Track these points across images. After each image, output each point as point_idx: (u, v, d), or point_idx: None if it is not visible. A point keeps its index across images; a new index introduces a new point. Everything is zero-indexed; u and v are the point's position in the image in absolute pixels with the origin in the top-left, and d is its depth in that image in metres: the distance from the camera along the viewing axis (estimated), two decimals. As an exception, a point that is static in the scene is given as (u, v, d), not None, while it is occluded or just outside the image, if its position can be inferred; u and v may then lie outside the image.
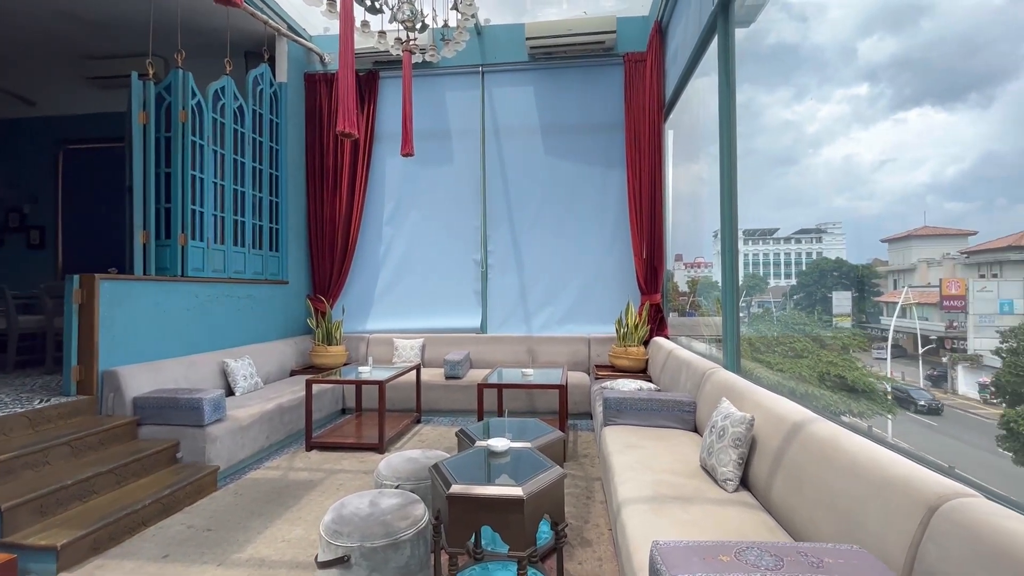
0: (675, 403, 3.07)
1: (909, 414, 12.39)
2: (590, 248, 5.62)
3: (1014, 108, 6.81)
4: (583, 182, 5.64)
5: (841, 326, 15.13)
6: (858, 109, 12.36)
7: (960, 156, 9.78)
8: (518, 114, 5.73)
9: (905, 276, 13.26)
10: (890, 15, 10.54)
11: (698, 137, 5.25)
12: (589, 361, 5.33)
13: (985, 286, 9.75)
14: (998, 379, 9.37)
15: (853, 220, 14.56)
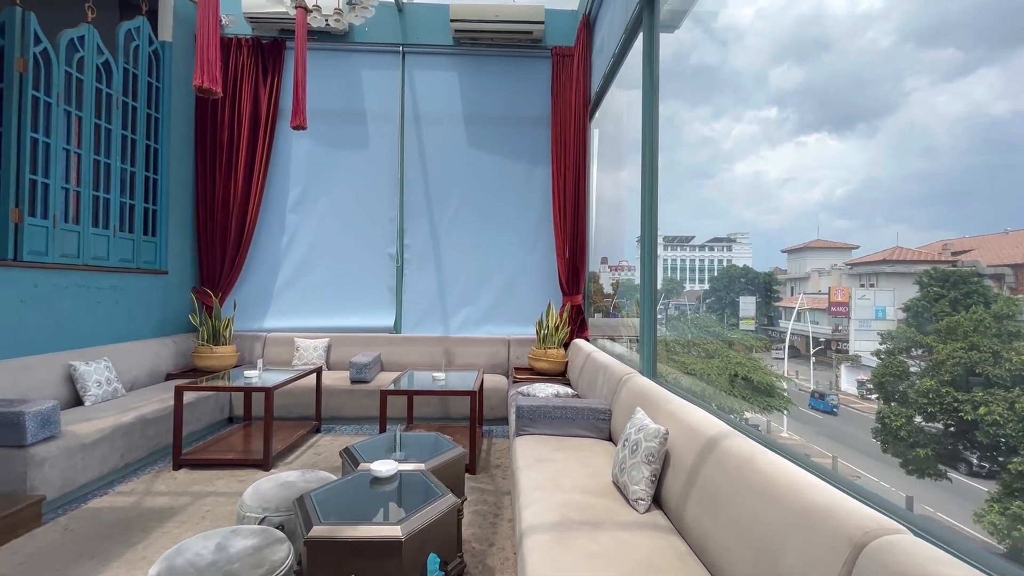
0: (590, 411, 2.90)
1: (801, 408, 13.08)
2: (513, 246, 5.41)
3: (893, 139, 7.09)
4: (507, 177, 5.42)
5: (746, 328, 15.99)
6: (767, 131, 12.57)
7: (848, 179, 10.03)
8: (441, 101, 5.39)
9: (801, 284, 14.10)
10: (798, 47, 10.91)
11: (623, 146, 5.25)
12: (508, 363, 5.11)
13: (864, 295, 10.53)
14: (876, 377, 10.08)
15: (759, 231, 14.90)
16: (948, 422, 9.85)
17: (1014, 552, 7.19)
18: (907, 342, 11.66)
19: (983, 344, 9.34)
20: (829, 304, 19.45)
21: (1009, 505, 7.63)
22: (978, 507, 7.86)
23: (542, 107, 5.38)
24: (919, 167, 17.34)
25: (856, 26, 30.53)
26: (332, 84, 5.29)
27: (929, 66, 19.13)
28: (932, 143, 16.87)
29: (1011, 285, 11.08)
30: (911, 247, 15.99)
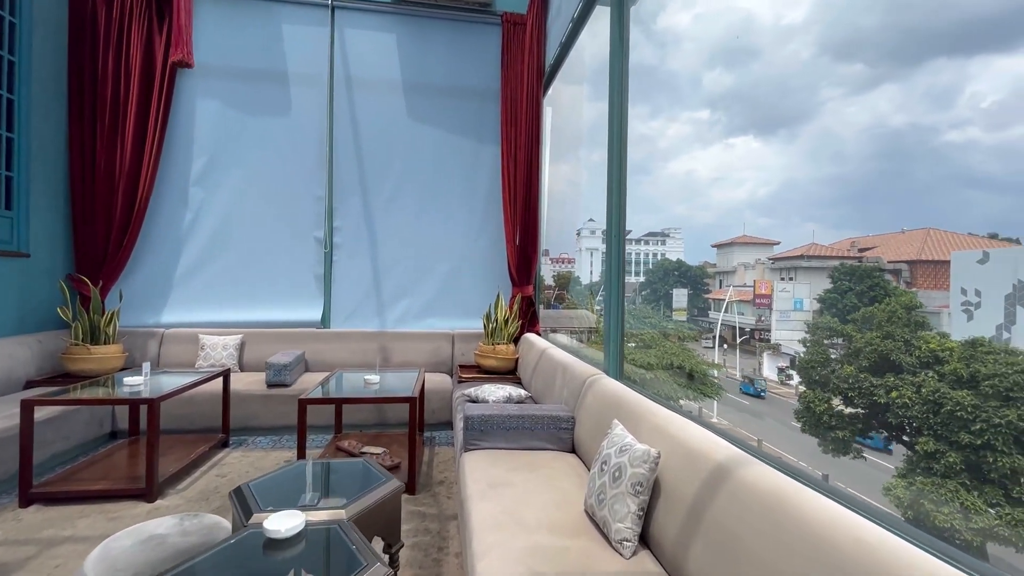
0: (551, 419, 2.50)
1: (730, 395, 13.66)
2: (457, 231, 4.91)
3: (809, 144, 8.70)
4: (452, 154, 4.90)
5: (679, 319, 16.72)
6: (699, 131, 13.65)
7: (769, 180, 11.90)
8: (377, 66, 4.77)
9: (728, 277, 15.43)
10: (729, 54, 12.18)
11: (569, 140, 4.94)
12: (453, 361, 4.63)
13: (784, 287, 11.38)
14: (802, 364, 10.40)
15: (691, 227, 16.19)
16: (864, 405, 10.33)
17: (916, 521, 7.58)
18: (829, 332, 12.18)
19: (896, 333, 9.85)
20: (754, 296, 20.31)
21: (913, 480, 8.04)
22: (886, 482, 8.26)
23: (491, 79, 4.90)
24: (830, 171, 18.53)
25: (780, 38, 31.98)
26: (246, 37, 4.52)
27: (841, 79, 20.60)
28: (841, 149, 18.07)
29: (907, 279, 11.86)
30: (824, 244, 16.76)
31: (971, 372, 10.57)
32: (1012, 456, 9.80)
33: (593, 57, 4.52)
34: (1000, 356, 10.75)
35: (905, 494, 10.21)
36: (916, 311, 13.33)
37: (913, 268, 24.15)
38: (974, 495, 9.81)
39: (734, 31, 49.59)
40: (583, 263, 50.79)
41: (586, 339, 17.32)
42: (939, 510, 9.77)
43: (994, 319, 15.35)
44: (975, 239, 23.19)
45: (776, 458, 1.35)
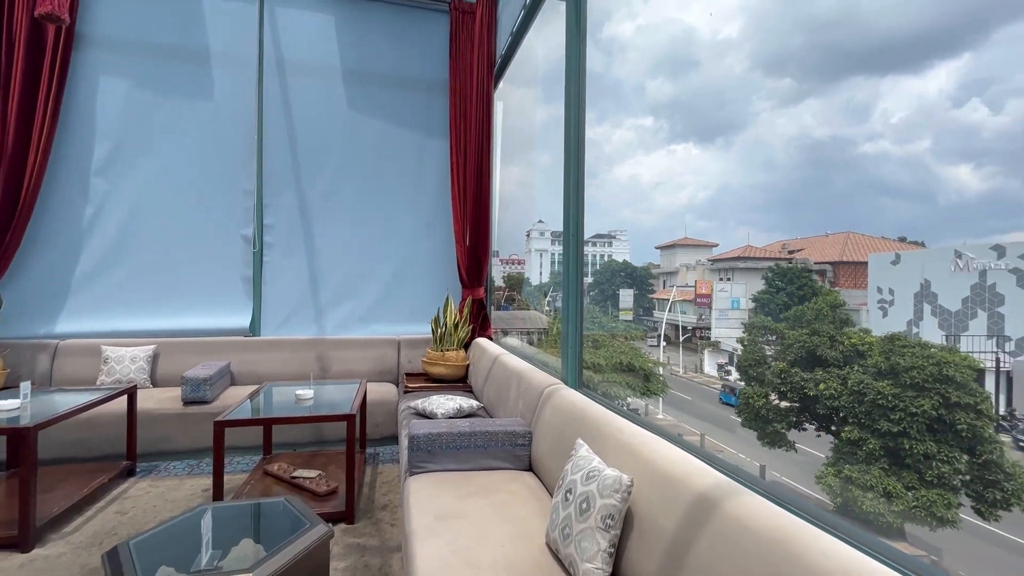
0: (506, 435, 2.29)
1: (673, 392, 14.11)
2: (404, 230, 4.60)
3: (742, 153, 9.36)
4: (397, 148, 4.59)
5: (626, 319, 17.24)
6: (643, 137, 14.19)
7: (707, 185, 12.64)
8: (313, 49, 4.38)
9: (671, 277, 16.35)
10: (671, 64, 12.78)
11: (519, 142, 4.82)
12: (398, 369, 4.32)
13: (723, 287, 12.56)
14: (740, 362, 11.27)
15: (636, 229, 16.72)
16: (796, 399, 10.98)
17: (845, 509, 8.12)
18: (764, 330, 12.84)
19: (823, 330, 10.57)
20: (695, 296, 21.31)
21: (842, 468, 8.56)
22: (817, 471, 8.77)
23: (438, 70, 4.63)
24: (762, 178, 19.83)
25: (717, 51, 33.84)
26: (160, 8, 4.01)
27: (771, 92, 22.03)
28: (771, 158, 19.41)
29: (831, 279, 13.48)
30: (758, 246, 18.54)
31: (891, 364, 11.35)
32: (925, 442, 10.60)
33: (544, 60, 4.41)
34: (916, 350, 11.62)
35: (835, 482, 10.85)
36: (840, 309, 14.24)
37: (836, 269, 25.90)
38: (893, 480, 10.54)
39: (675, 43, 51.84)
40: (533, 264, 51.17)
41: (537, 340, 17.30)
42: (864, 495, 10.43)
43: (905, 315, 16.66)
44: (888, 242, 25.20)
45: (771, 484, 1.20)
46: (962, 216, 39.42)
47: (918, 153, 42.13)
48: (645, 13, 59.49)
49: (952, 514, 9.57)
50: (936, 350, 11.16)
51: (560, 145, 2.73)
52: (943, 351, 11.22)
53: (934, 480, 9.88)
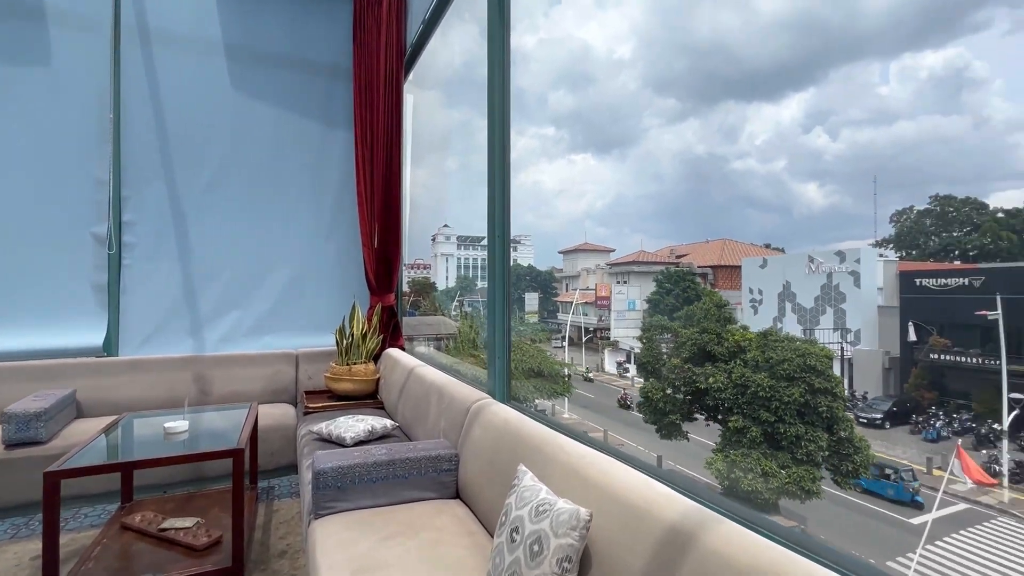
0: (430, 461, 2.03)
1: (581, 391, 14.63)
2: (303, 230, 4.12)
3: (635, 165, 10.14)
4: (295, 138, 4.09)
5: (531, 322, 17.50)
6: (545, 146, 14.75)
7: (604, 194, 13.48)
8: (186, 18, 3.75)
9: (573, 281, 17.05)
10: (571, 78, 13.50)
11: (425, 145, 4.63)
12: (297, 387, 3.83)
13: (620, 290, 13.43)
14: (639, 359, 12.08)
15: (540, 234, 17.31)
16: (688, 392, 11.93)
17: (730, 489, 9.00)
18: (660, 329, 13.75)
19: (710, 328, 11.59)
20: (595, 298, 22.28)
21: (728, 454, 9.41)
22: (707, 457, 9.56)
23: (341, 55, 4.22)
24: (652, 188, 21.58)
25: (612, 69, 36.05)
26: (-30, -54, 3.17)
27: (660, 110, 24.10)
28: (660, 171, 21.21)
29: (711, 281, 15.26)
30: (650, 251, 20.08)
31: (766, 358, 12.67)
32: (796, 426, 11.94)
33: (446, 65, 4.24)
34: (785, 343, 13.07)
35: (722, 466, 11.87)
36: (724, 308, 15.70)
37: (715, 272, 28.53)
38: (771, 462, 11.75)
39: (574, 59, 54.72)
40: (439, 269, 50.47)
41: (446, 346, 16.93)
42: (745, 476, 11.52)
43: (772, 313, 18.81)
44: (756, 248, 28.34)
45: (747, 511, 1.10)
46: (811, 226, 45.96)
47: (777, 171, 48.45)
48: (546, 27, 61.92)
49: (817, 486, 10.91)
50: (800, 343, 12.70)
51: (465, 150, 2.58)
52: (805, 343, 12.80)
53: (803, 458, 11.19)
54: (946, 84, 35.59)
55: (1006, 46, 30.14)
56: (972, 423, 14.06)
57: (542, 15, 61.94)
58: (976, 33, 31.50)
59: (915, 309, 16.63)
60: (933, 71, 36.06)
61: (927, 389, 15.97)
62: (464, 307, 37.51)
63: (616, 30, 57.05)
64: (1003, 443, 12.27)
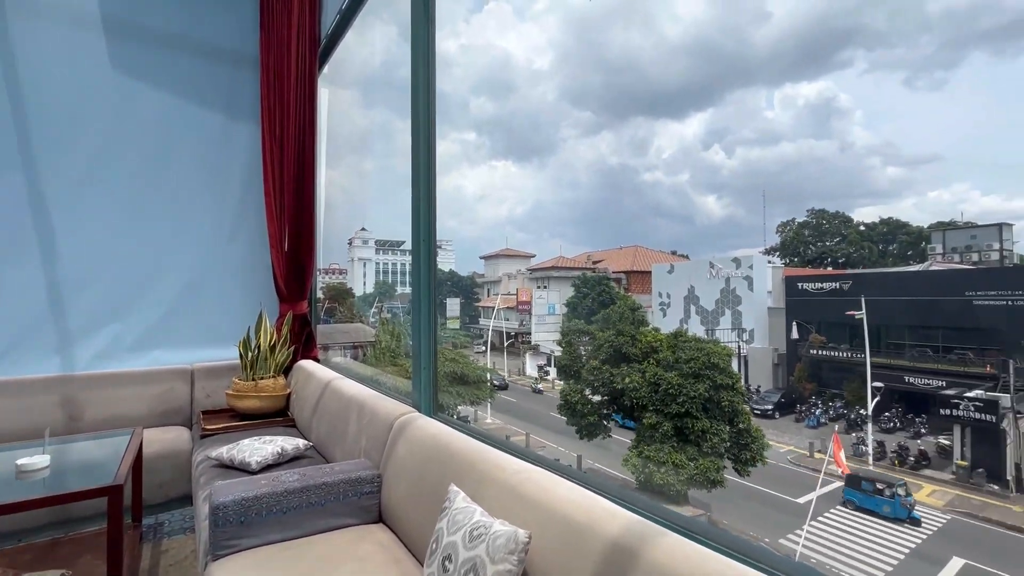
0: (349, 484, 1.87)
1: (502, 396, 14.89)
2: (201, 231, 3.70)
3: (554, 173, 10.52)
4: (191, 129, 3.67)
5: (453, 327, 17.53)
6: (467, 151, 14.87)
7: (525, 200, 13.90)
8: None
9: (495, 286, 17.39)
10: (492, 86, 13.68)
11: (340, 145, 4.41)
12: (192, 407, 3.42)
13: (540, 295, 13.96)
14: (558, 363, 12.61)
15: (461, 239, 17.31)
16: (606, 392, 12.50)
17: (644, 484, 9.60)
18: (579, 332, 14.27)
19: (626, 330, 12.23)
20: (517, 303, 22.59)
21: (643, 449, 9.97)
22: (624, 454, 10.07)
23: (246, 41, 3.86)
24: (569, 196, 22.54)
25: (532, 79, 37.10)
26: None
27: (576, 122, 25.24)
28: (576, 179, 22.20)
29: (625, 286, 16.38)
30: (568, 256, 20.91)
31: (676, 357, 13.52)
32: (702, 420, 12.84)
33: (362, 64, 4.07)
34: (692, 343, 14.02)
35: (637, 462, 12.47)
36: (638, 311, 16.55)
37: (629, 277, 30.06)
38: (681, 455, 12.53)
39: (496, 67, 55.56)
40: (356, 274, 48.39)
41: (363, 355, 16.22)
42: (659, 470, 12.20)
43: (679, 315, 20.21)
44: (664, 255, 30.34)
45: (691, 520, 1.09)
46: (712, 235, 50.31)
47: (681, 184, 52.49)
48: (467, 33, 62.13)
49: (721, 476, 11.81)
50: (705, 343, 13.72)
51: (385, 152, 2.45)
52: (709, 343, 13.85)
53: (709, 450, 12.07)
54: (818, 112, 40.73)
55: (863, 82, 35.09)
56: (844, 410, 16.01)
57: (463, 21, 62.07)
58: (841, 70, 36.36)
59: (798, 310, 18.67)
60: (808, 100, 41.11)
61: (808, 381, 17.96)
62: (384, 313, 36.28)
63: (535, 42, 58.70)
64: (868, 426, 14.08)
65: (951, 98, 33.84)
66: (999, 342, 13.29)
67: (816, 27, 37.94)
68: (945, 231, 22.18)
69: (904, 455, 13.20)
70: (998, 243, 19.30)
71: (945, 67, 32.87)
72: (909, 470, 12.88)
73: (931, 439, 13.63)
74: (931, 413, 13.73)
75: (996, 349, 13.28)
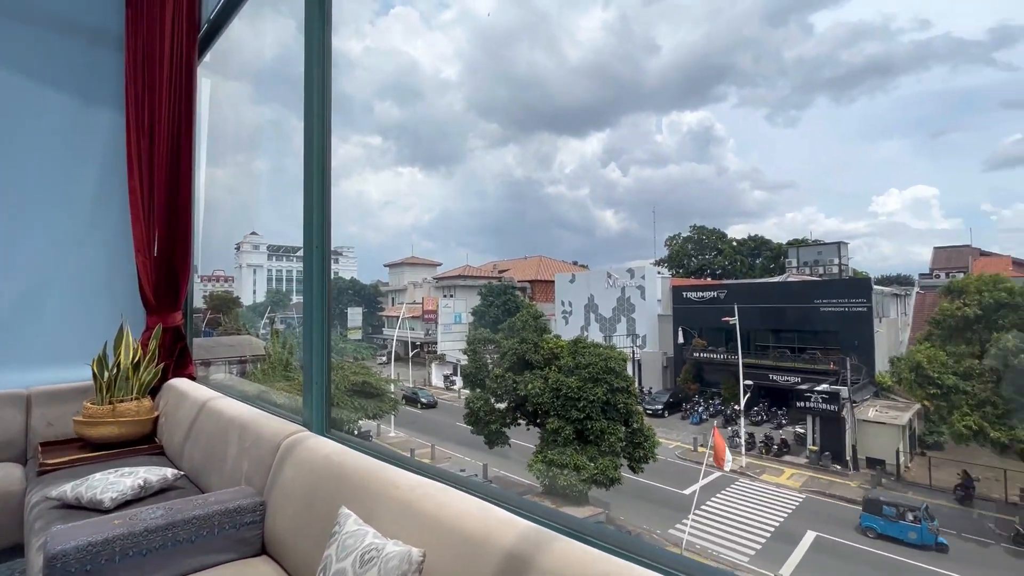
0: (226, 515, 1.68)
1: (411, 409, 14.71)
2: (48, 231, 3.16)
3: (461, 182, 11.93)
4: (32, 113, 3.13)
5: (354, 338, 16.88)
6: (371, 156, 14.37)
7: (432, 208, 13.89)
8: None
9: (400, 295, 17.16)
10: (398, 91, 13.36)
11: (228, 142, 4.10)
12: (29, 439, 2.88)
13: (447, 303, 14.22)
14: (464, 371, 12.78)
15: (364, 246, 16.77)
16: (511, 400, 12.76)
17: (550, 489, 9.97)
18: (485, 340, 14.40)
19: (529, 337, 12.62)
20: (423, 312, 22.33)
21: (547, 454, 10.33)
22: (528, 459, 10.36)
23: (108, 16, 3.40)
24: (476, 205, 22.82)
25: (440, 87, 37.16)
26: None
27: (484, 133, 25.69)
28: (483, 189, 22.65)
29: (529, 295, 17.22)
30: (475, 265, 21.17)
31: (576, 363, 14.11)
32: (600, 421, 13.49)
33: (255, 56, 3.79)
34: (591, 348, 14.72)
35: (542, 467, 12.80)
36: (541, 319, 17.05)
37: (533, 286, 30.93)
38: (582, 456, 13.04)
39: (402, 71, 54.76)
40: (245, 282, 44.31)
41: (252, 371, 14.84)
42: (562, 473, 12.61)
43: (580, 323, 21.19)
44: (567, 265, 31.78)
45: (583, 522, 1.12)
46: (610, 247, 53.70)
47: (581, 198, 55.51)
48: (372, 35, 60.41)
49: (618, 474, 12.49)
50: (603, 348, 14.49)
51: (279, 151, 2.30)
52: (607, 348, 14.67)
53: (607, 450, 12.72)
54: (699, 138, 45.52)
55: (735, 115, 39.91)
56: (722, 406, 17.80)
57: (368, 23, 60.23)
58: (717, 103, 41.03)
59: (683, 317, 20.48)
60: (691, 127, 45.75)
61: (693, 382, 19.74)
62: (276, 324, 33.50)
63: (443, 51, 58.70)
64: (741, 420, 15.78)
65: (802, 134, 39.61)
66: (839, 343, 15.67)
67: (698, 63, 42.43)
68: (798, 248, 25.76)
69: (769, 444, 14.99)
70: (838, 259, 22.82)
71: (798, 107, 38.41)
72: (773, 457, 14.66)
73: (791, 429, 15.63)
74: (790, 406, 15.78)
75: (837, 349, 15.62)
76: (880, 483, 12.61)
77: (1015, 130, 25.94)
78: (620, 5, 45.86)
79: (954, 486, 11.75)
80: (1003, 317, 11.24)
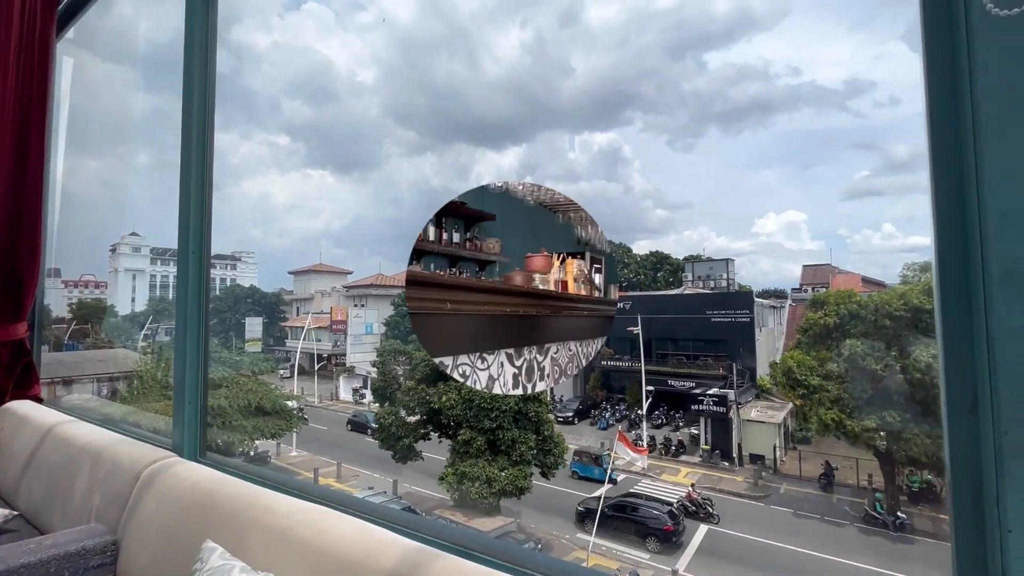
0: (67, 559, 1.43)
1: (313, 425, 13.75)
2: None
3: (376, 188, 10.63)
4: None
5: (253, 351, 15.61)
6: (277, 156, 13.64)
7: (343, 213, 13.46)
8: None
9: (305, 304, 16.20)
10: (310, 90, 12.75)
11: (99, 129, 3.65)
12: None
13: (357, 313, 13.63)
14: (374, 385, 12.35)
15: (266, 251, 15.79)
16: (423, 412, 12.48)
17: (462, 502, 9.91)
18: (396, 352, 14.03)
19: (445, 347, 12.35)
20: (331, 322, 21.31)
21: (458, 466, 10.25)
22: (440, 472, 10.21)
23: (-66, -29, 2.86)
24: (391, 212, 22.43)
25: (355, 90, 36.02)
26: None
27: (401, 140, 25.40)
28: (399, 196, 22.40)
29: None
30: (388, 274, 20.29)
31: (490, 372, 14.15)
32: (512, 430, 13.61)
33: (145, 39, 3.43)
34: (504, 358, 14.85)
35: (453, 479, 12.60)
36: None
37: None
38: (493, 467, 13.05)
39: (314, 70, 52.13)
40: (122, 288, 39.18)
41: (127, 389, 13.08)
42: (473, 485, 12.52)
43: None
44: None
45: (464, 534, 1.09)
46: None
47: (500, 211, 56.13)
48: (281, 30, 56.90)
49: (528, 482, 12.65)
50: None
51: (169, 145, 2.07)
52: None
53: (518, 459, 12.84)
54: (608, 158, 48.32)
55: (640, 138, 43.00)
56: (627, 411, 18.77)
57: (276, 16, 56.68)
58: (623, 126, 43.88)
59: (592, 326, 21.37)
60: (601, 146, 48.43)
61: (601, 388, 20.62)
62: (159, 335, 29.94)
63: (358, 54, 56.83)
64: (643, 424, 16.75)
65: (698, 160, 43.53)
66: (728, 350, 17.24)
67: (607, 87, 45.04)
68: (694, 263, 28.08)
69: (668, 446, 16.04)
70: (726, 274, 25.20)
71: (694, 135, 42.18)
72: (672, 457, 15.71)
73: (687, 431, 16.87)
74: (686, 409, 17.04)
75: (726, 355, 17.16)
76: (761, 477, 13.98)
77: (863, 167, 30.65)
78: (537, 26, 47.54)
79: (818, 475, 13.39)
80: (854, 326, 13.08)
